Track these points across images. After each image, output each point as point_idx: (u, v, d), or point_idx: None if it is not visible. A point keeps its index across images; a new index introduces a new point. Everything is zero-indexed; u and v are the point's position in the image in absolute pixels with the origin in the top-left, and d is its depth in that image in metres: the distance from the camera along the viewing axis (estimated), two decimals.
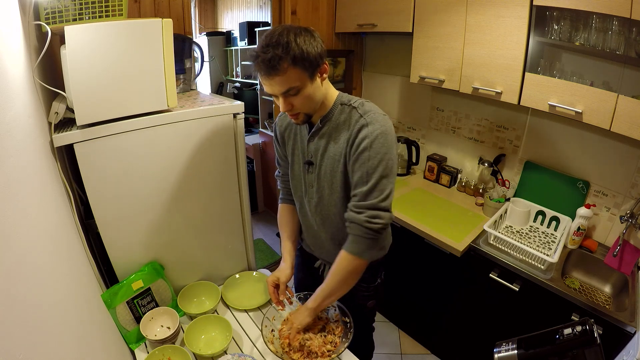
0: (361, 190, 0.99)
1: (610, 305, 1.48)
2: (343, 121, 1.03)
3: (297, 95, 0.94)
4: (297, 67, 0.90)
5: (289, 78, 0.90)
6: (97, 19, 1.09)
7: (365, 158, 0.96)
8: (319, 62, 0.94)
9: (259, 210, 3.56)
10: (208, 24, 4.60)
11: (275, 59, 0.87)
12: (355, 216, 0.99)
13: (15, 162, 0.63)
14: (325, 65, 0.97)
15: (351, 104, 1.03)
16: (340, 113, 1.04)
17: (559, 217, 1.74)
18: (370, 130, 0.96)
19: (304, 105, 0.98)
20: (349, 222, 1.02)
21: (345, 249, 1.03)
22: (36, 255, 0.64)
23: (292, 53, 0.88)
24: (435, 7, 1.70)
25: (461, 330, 1.87)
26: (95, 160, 1.05)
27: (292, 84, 0.92)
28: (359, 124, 0.99)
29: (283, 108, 0.97)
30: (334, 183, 1.08)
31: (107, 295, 1.14)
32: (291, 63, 0.88)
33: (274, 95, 0.97)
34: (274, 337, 1.13)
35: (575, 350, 0.71)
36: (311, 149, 1.10)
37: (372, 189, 0.97)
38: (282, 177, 1.30)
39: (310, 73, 0.93)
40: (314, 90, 0.97)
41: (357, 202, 1.00)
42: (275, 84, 0.92)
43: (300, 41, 0.89)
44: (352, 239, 1.02)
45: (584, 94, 1.34)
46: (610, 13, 1.22)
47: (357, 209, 1.00)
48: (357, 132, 0.98)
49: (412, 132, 2.44)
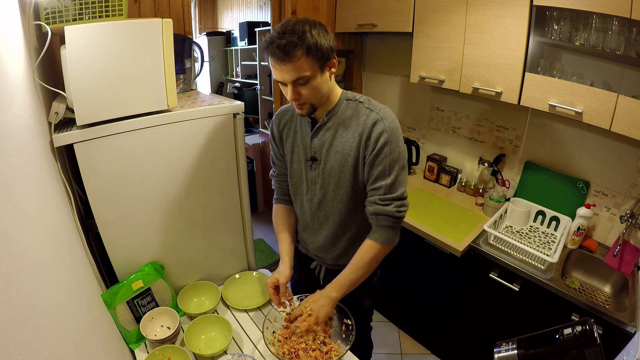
0: (385, 183, 1.03)
1: (610, 305, 1.48)
2: (350, 116, 1.05)
3: (306, 85, 0.96)
4: (310, 57, 0.92)
5: (301, 66, 0.92)
6: (97, 19, 1.09)
7: (387, 152, 1.00)
8: (330, 55, 0.97)
9: (259, 210, 3.56)
10: (208, 24, 4.61)
11: (290, 46, 0.89)
12: (385, 208, 1.03)
13: (15, 162, 0.63)
14: (335, 59, 1.00)
15: (357, 100, 1.07)
16: (346, 108, 1.06)
17: (559, 217, 1.74)
18: (387, 124, 1.00)
19: (311, 96, 0.99)
20: (377, 214, 1.05)
21: (375, 239, 1.07)
22: (36, 255, 0.64)
23: (307, 42, 0.90)
24: (435, 7, 1.70)
25: (461, 330, 1.87)
26: (95, 160, 1.05)
27: (303, 73, 0.93)
28: (372, 118, 1.01)
29: (290, 97, 0.98)
30: (342, 178, 1.08)
31: (107, 295, 1.14)
32: (305, 52, 0.91)
33: (283, 83, 0.97)
34: (275, 338, 1.12)
35: (575, 350, 0.71)
36: (315, 144, 1.10)
37: (394, 181, 1.03)
38: (278, 176, 1.29)
39: (321, 65, 0.96)
40: (323, 83, 0.99)
41: (383, 194, 1.04)
42: (288, 70, 0.93)
43: (315, 33, 0.92)
44: (380, 229, 1.06)
45: (584, 94, 1.34)
46: (610, 13, 1.22)
47: (385, 201, 1.04)
48: (371, 126, 1.01)
49: (412, 132, 2.44)
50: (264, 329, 1.12)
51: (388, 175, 1.02)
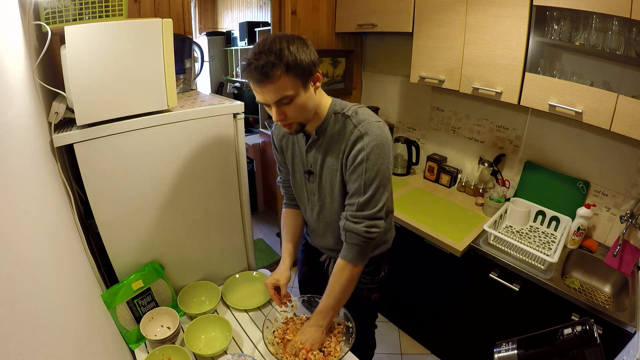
0: (358, 200, 1.00)
1: (610, 305, 1.48)
2: (338, 131, 1.02)
3: (290, 104, 0.92)
4: (290, 75, 0.87)
5: (282, 86, 0.88)
6: (97, 19, 1.09)
7: (362, 170, 0.97)
8: (312, 70, 0.92)
9: (259, 210, 3.56)
10: (208, 24, 4.60)
11: (268, 66, 0.85)
12: (354, 226, 1.01)
13: (15, 162, 0.63)
14: (319, 73, 0.95)
15: (344, 112, 1.02)
16: (335, 123, 1.03)
17: (559, 217, 1.74)
18: (366, 142, 0.96)
19: (297, 115, 0.95)
20: (346, 231, 1.02)
21: (344, 258, 1.05)
22: (36, 255, 0.64)
23: (285, 60, 0.85)
24: (435, 7, 1.70)
25: (461, 330, 1.87)
26: (95, 160, 1.05)
27: (285, 93, 0.89)
28: (354, 135, 0.98)
29: (276, 118, 0.95)
30: (334, 193, 1.09)
31: (107, 295, 1.14)
32: (284, 71, 0.86)
33: (266, 104, 0.94)
34: (274, 338, 1.13)
35: (575, 350, 0.71)
36: (310, 159, 1.10)
37: (369, 199, 0.99)
38: (284, 183, 1.29)
39: (304, 81, 0.91)
40: (307, 99, 0.95)
41: (355, 212, 1.01)
42: (268, 92, 0.89)
43: (293, 49, 0.87)
44: (349, 247, 1.04)
45: (584, 94, 1.34)
46: (610, 13, 1.22)
47: (355, 218, 1.01)
48: (353, 143, 0.98)
49: (412, 132, 2.44)
50: (264, 328, 1.12)
51: (363, 193, 0.99)
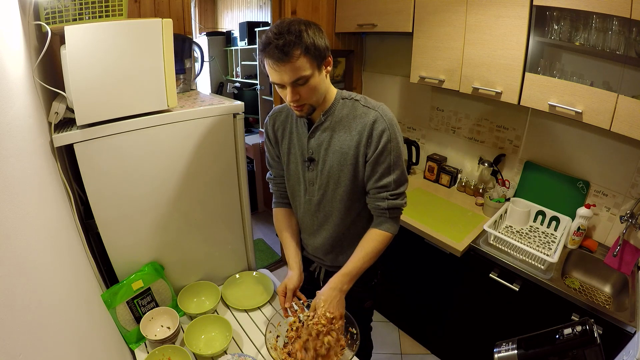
0: (392, 179, 1.06)
1: (610, 305, 1.48)
2: (347, 114, 1.06)
3: (305, 85, 0.95)
4: (309, 56, 0.92)
5: (300, 66, 0.92)
6: (97, 19, 1.09)
7: (390, 149, 1.03)
8: (326, 54, 0.97)
9: (259, 210, 3.56)
10: (208, 24, 4.61)
11: (289, 45, 0.88)
12: (397, 202, 1.08)
13: (15, 162, 0.63)
14: (330, 58, 1.00)
15: (353, 98, 1.07)
16: (343, 107, 1.07)
17: (559, 217, 1.74)
18: (387, 123, 1.02)
19: (310, 96, 0.99)
20: (390, 208, 1.08)
21: (385, 230, 1.11)
22: (36, 255, 0.64)
23: (304, 41, 0.90)
24: (435, 7, 1.70)
25: (461, 330, 1.87)
26: (95, 160, 1.05)
27: (303, 72, 0.93)
28: (371, 116, 1.02)
29: (290, 98, 0.97)
30: (341, 177, 1.08)
31: (107, 295, 1.14)
32: (304, 51, 0.90)
33: (281, 84, 0.96)
34: (277, 343, 1.09)
35: (575, 350, 0.71)
36: (312, 145, 1.09)
37: (399, 176, 1.07)
38: (275, 179, 1.26)
39: (319, 63, 0.96)
40: (320, 82, 0.99)
41: (393, 190, 1.07)
42: (286, 71, 0.92)
43: (311, 32, 0.92)
44: (392, 221, 1.11)
45: (584, 94, 1.34)
46: (610, 13, 1.22)
47: (395, 196, 1.08)
48: (372, 124, 1.02)
49: (412, 132, 2.44)
50: (266, 332, 1.08)
51: (393, 171, 1.05)
